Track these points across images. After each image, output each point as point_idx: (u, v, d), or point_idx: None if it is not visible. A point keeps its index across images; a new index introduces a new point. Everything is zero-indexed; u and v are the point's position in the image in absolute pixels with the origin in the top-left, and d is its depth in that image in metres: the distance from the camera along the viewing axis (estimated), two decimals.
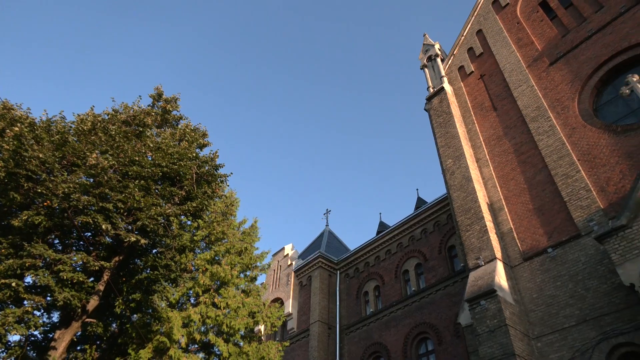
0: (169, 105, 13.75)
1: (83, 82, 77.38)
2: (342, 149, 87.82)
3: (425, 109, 18.58)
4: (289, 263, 24.00)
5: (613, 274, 9.99)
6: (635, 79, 11.39)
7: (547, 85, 14.90)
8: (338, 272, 22.26)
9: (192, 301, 12.31)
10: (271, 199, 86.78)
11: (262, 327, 15.88)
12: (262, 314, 12.38)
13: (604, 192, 11.58)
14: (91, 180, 10.34)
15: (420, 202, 23.74)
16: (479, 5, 19.92)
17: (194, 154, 12.46)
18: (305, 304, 21.65)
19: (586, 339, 10.07)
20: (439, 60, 19.83)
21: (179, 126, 13.82)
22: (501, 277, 11.73)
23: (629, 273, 9.17)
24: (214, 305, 11.68)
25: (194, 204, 11.89)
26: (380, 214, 38.86)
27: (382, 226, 24.67)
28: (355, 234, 79.17)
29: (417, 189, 26.39)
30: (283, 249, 25.07)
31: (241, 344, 11.99)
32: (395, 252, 20.11)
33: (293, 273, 23.28)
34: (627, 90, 11.49)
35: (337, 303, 20.98)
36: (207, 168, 12.60)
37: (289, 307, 22.00)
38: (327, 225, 28.46)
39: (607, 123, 12.74)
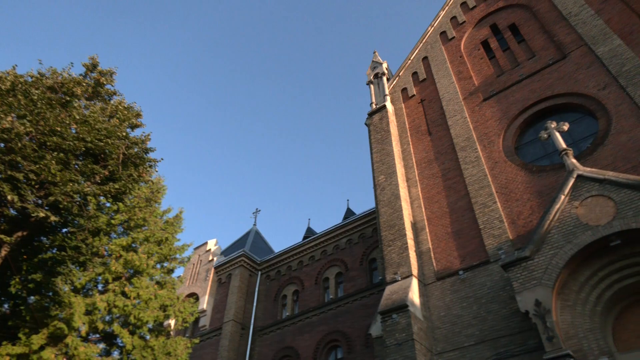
0: (103, 78, 12.93)
1: (6, 37, 70.51)
2: (279, 151, 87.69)
3: (365, 124, 19.10)
4: (210, 258, 23.43)
5: (512, 300, 10.83)
6: (553, 126, 12.55)
7: (479, 119, 15.94)
8: (259, 272, 22.09)
9: (99, 288, 11.56)
10: (201, 192, 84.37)
11: (172, 322, 15.30)
12: (174, 308, 11.91)
13: (514, 225, 12.57)
14: (2, 145, 9.42)
15: (349, 212, 24.28)
16: (428, 34, 20.93)
17: (124, 134, 11.81)
18: (222, 301, 21.21)
19: (482, 358, 10.81)
20: (384, 78, 20.50)
21: (112, 102, 13.03)
22: (414, 294, 12.28)
23: (526, 301, 9.99)
24: (124, 294, 11.06)
25: (117, 186, 11.24)
26: (309, 219, 39.36)
27: (309, 232, 24.89)
28: (283, 237, 79.16)
29: (347, 200, 27.02)
30: (206, 243, 24.42)
31: (148, 337, 11.45)
32: (319, 259, 20.36)
33: (213, 269, 22.74)
34: (545, 135, 12.63)
35: (255, 304, 20.80)
36: (136, 150, 12.00)
37: (204, 303, 21.44)
38: (254, 225, 28.19)
39: (524, 162, 13.85)
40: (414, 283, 12.64)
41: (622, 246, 9.80)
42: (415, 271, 13.04)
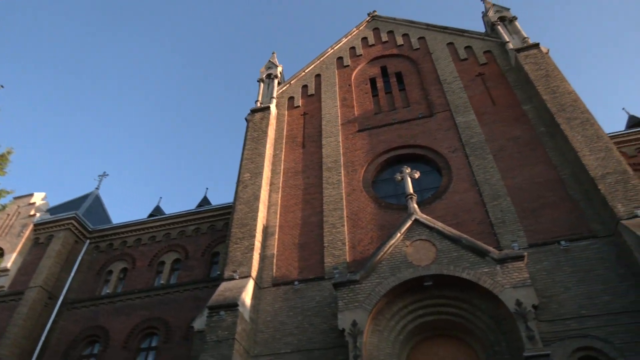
0: None
1: None
2: (144, 119, 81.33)
3: (245, 118, 18.94)
4: (32, 213, 20.48)
5: (334, 317, 11.65)
6: (407, 171, 14.06)
7: (349, 147, 17.05)
8: (88, 241, 20.03)
9: None
10: (49, 140, 73.45)
11: None
12: None
13: (354, 249, 13.64)
14: None
15: (205, 201, 23.59)
16: (327, 54, 21.85)
17: None
18: (33, 264, 18.61)
19: None
20: (276, 81, 20.70)
21: None
22: (248, 295, 12.41)
23: (345, 319, 10.86)
24: None
25: None
26: (160, 198, 36.98)
27: (157, 211, 23.45)
28: (127, 211, 72.99)
29: (206, 188, 26.23)
30: (32, 195, 21.31)
31: None
32: (160, 240, 19.31)
33: (32, 225, 19.90)
34: (399, 177, 14.09)
35: (72, 274, 18.72)
36: None
37: (10, 261, 18.58)
38: (97, 189, 25.46)
39: (377, 196, 15.20)
40: (250, 284, 12.78)
41: (433, 287, 11.32)
42: (254, 273, 13.20)
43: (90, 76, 76.73)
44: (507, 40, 18.19)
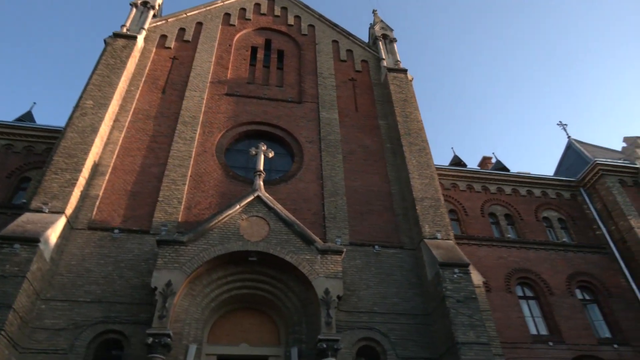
0: None
1: None
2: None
3: (105, 40, 16.71)
4: None
5: (149, 274, 11.14)
6: (263, 148, 14.21)
7: (213, 107, 16.42)
8: None
9: None
10: None
11: None
12: None
13: (189, 211, 13.23)
14: None
15: (28, 117, 20.11)
16: (215, 5, 20.62)
17: None
18: None
19: (89, 316, 10.53)
20: (151, 12, 18.73)
21: None
22: (55, 232, 11.04)
23: (161, 278, 10.49)
24: None
25: None
26: None
27: None
28: None
29: (34, 103, 21.98)
30: None
31: None
32: None
33: None
34: (254, 152, 14.16)
35: None
36: None
37: None
38: None
39: (227, 164, 14.99)
40: (61, 222, 11.39)
41: (256, 263, 11.71)
42: (69, 211, 11.80)
43: None
44: (384, 57, 19.71)
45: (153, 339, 9.64)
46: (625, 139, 21.35)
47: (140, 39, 17.39)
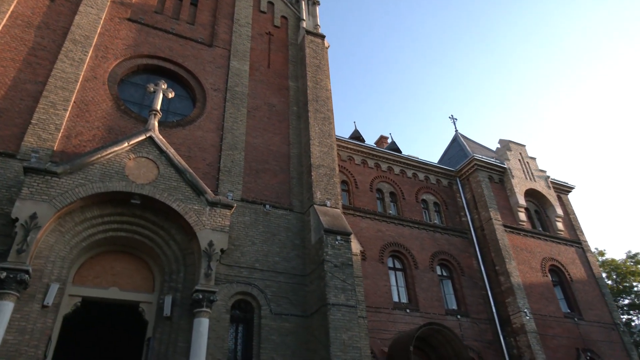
0: None
1: None
2: None
3: None
4: None
5: (10, 203, 9.92)
6: (163, 86, 13.23)
7: (111, 30, 14.73)
8: None
9: None
10: None
11: None
12: None
13: (68, 140, 11.90)
14: None
15: None
16: None
17: None
18: None
19: None
20: None
21: None
22: None
23: (24, 209, 9.40)
24: None
25: None
26: None
27: None
28: None
29: None
30: None
31: None
32: None
33: None
34: (152, 89, 13.12)
35: None
36: None
37: None
38: None
39: (119, 96, 13.70)
40: None
41: (138, 207, 11.07)
42: None
43: None
44: (304, 18, 19.32)
45: (7, 274, 8.70)
46: (500, 141, 24.09)
47: None
